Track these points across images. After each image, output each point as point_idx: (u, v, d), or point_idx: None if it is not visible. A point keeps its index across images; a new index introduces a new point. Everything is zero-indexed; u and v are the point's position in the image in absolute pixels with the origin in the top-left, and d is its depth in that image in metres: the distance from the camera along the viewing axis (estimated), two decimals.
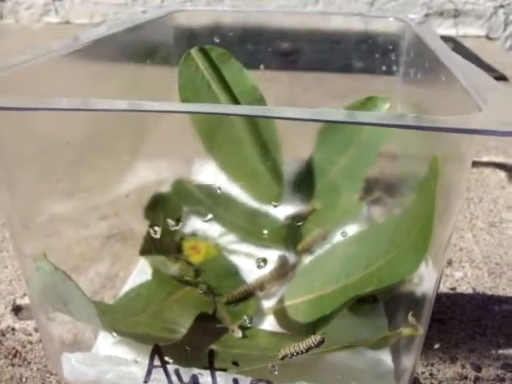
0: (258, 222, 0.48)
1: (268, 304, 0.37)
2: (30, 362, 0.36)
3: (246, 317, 0.33)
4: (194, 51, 0.51)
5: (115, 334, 0.30)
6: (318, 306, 0.34)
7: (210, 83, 0.52)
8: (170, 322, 0.33)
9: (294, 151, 0.62)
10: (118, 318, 0.33)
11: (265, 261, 0.32)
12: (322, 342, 0.26)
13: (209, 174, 0.53)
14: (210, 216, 0.32)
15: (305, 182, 0.53)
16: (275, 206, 0.31)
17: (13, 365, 0.37)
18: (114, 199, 0.50)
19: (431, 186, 0.28)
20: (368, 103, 0.52)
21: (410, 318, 0.27)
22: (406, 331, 0.28)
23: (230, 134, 0.51)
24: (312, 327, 0.33)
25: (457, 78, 0.29)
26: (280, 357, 0.27)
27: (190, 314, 0.34)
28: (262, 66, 0.61)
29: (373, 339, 0.29)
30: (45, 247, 0.33)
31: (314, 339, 0.27)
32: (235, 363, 0.29)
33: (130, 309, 0.34)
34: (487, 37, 1.28)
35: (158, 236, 0.29)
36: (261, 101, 0.52)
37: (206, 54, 0.52)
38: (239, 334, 0.33)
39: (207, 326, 0.34)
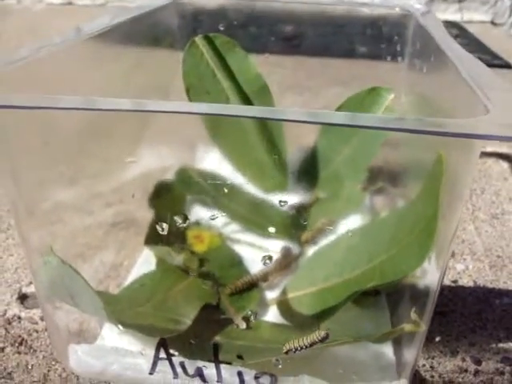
0: (262, 211, 0.48)
1: (271, 295, 0.38)
2: (35, 350, 0.37)
3: (250, 312, 0.34)
4: (198, 39, 0.51)
5: (121, 327, 0.31)
6: (321, 298, 0.34)
7: (215, 71, 0.52)
8: (175, 312, 0.33)
9: (297, 137, 0.62)
10: (124, 308, 0.33)
11: (270, 258, 0.33)
12: (326, 337, 0.27)
13: (213, 160, 0.54)
14: (216, 214, 0.32)
15: (309, 171, 0.53)
16: (282, 206, 0.31)
17: (19, 352, 0.37)
18: (118, 186, 0.50)
19: (435, 184, 0.28)
20: (372, 93, 0.52)
21: (413, 315, 0.28)
22: (408, 327, 0.28)
23: (235, 122, 0.51)
24: (315, 319, 0.33)
25: (461, 73, 0.29)
26: (284, 351, 0.28)
27: (195, 304, 0.34)
28: (265, 51, 0.61)
29: (375, 335, 0.29)
30: (50, 235, 0.33)
31: (318, 334, 0.27)
32: (240, 357, 0.29)
33: (135, 299, 0.35)
34: (492, 22, 1.27)
35: (165, 233, 0.29)
36: (264, 88, 0.52)
37: (210, 42, 0.52)
38: (243, 325, 0.33)
39: (211, 316, 0.34)
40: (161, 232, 0.29)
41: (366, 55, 0.59)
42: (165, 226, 0.29)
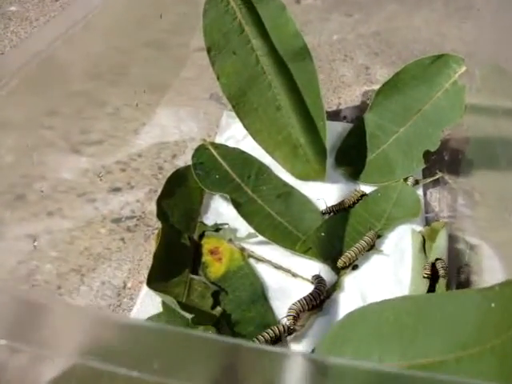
0: (292, 213, 0.40)
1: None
2: None
3: None
4: None
5: None
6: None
7: (243, 25, 0.42)
8: None
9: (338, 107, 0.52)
10: None
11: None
12: None
13: (238, 131, 0.45)
14: None
15: (352, 153, 0.44)
16: None
17: None
18: (128, 154, 0.44)
19: None
20: (439, 63, 0.42)
21: None
22: None
23: (265, 96, 0.42)
24: None
25: None
26: None
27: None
28: None
29: None
30: None
31: None
32: None
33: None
34: None
35: None
36: (304, 50, 0.42)
37: None
38: None
39: None
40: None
41: None
42: None
